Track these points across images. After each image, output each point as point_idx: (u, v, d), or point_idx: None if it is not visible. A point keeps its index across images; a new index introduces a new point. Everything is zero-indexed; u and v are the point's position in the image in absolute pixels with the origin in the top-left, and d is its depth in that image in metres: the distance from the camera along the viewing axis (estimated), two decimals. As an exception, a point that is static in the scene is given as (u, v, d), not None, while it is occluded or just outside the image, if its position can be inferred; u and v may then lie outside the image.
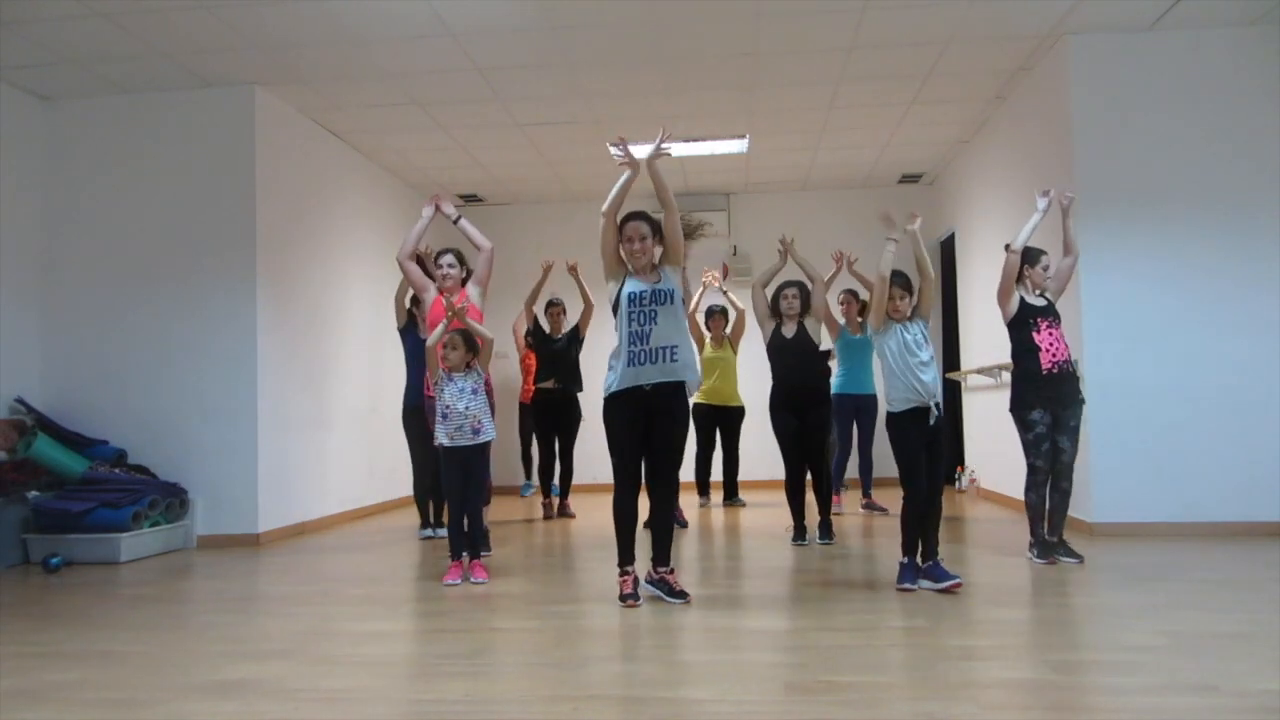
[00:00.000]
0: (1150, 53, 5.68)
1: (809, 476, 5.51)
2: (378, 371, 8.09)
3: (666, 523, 4.07)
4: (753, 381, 7.49)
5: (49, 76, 5.98)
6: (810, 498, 5.57)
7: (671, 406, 3.96)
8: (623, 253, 3.98)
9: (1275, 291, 5.51)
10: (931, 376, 4.10)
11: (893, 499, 7.42)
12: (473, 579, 4.52)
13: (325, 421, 7.11)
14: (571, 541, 6.03)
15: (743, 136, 7.65)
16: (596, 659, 3.18)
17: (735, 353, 7.19)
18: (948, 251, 8.71)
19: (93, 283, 6.30)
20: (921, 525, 4.09)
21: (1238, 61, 5.62)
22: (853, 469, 7.07)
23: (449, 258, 5.10)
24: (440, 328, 4.54)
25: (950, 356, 8.55)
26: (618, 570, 4.03)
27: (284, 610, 4.17)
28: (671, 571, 4.04)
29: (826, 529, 5.48)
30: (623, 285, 3.98)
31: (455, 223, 4.99)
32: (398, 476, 8.45)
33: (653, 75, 6.28)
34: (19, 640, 3.64)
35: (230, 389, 6.15)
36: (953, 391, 8.62)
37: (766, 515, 6.97)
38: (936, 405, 4.09)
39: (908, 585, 4.05)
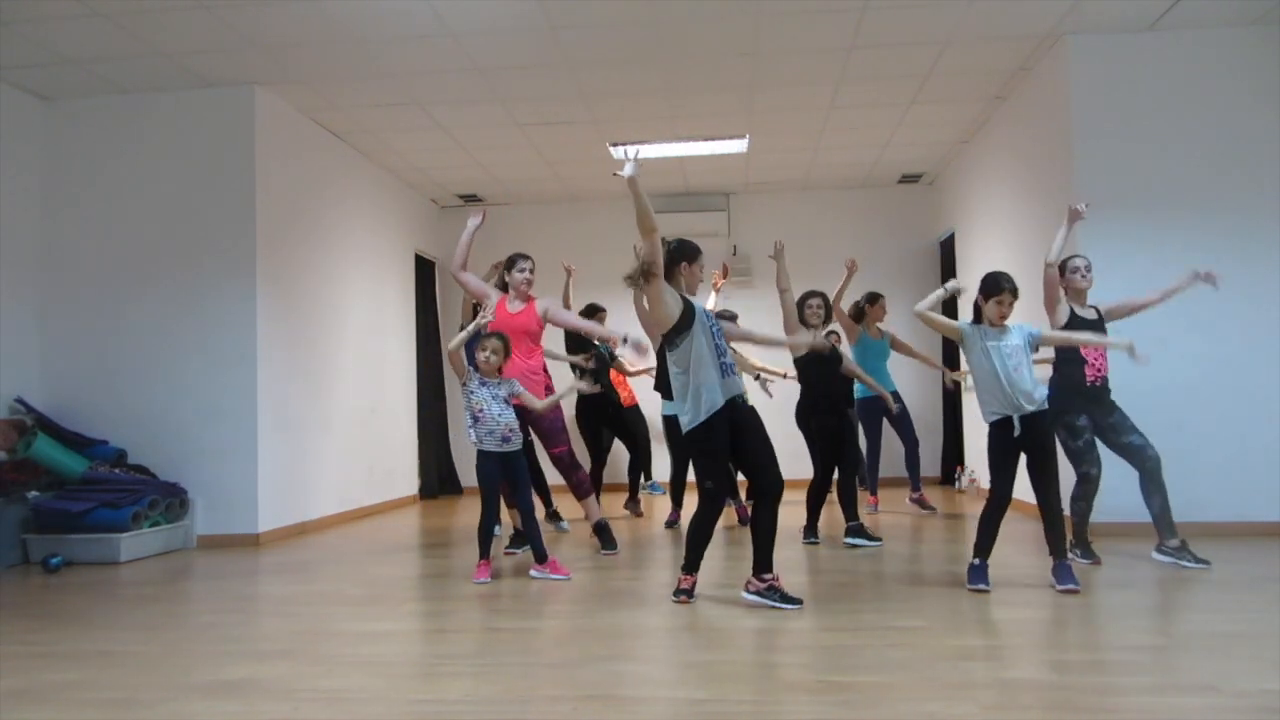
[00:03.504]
0: (1150, 53, 5.68)
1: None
2: (378, 371, 8.10)
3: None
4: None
5: (49, 76, 5.98)
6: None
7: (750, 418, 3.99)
8: (686, 278, 3.98)
9: (1274, 291, 5.52)
10: (1019, 387, 4.00)
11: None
12: (551, 575, 4.56)
13: (325, 421, 7.11)
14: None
15: (743, 136, 7.64)
16: (596, 659, 3.17)
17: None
18: (947, 251, 8.72)
19: (93, 282, 6.30)
20: (991, 528, 4.09)
21: (1238, 61, 5.62)
22: (900, 467, 7.18)
23: (528, 263, 5.16)
24: (465, 333, 4.62)
25: (950, 356, 8.55)
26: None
27: (284, 610, 4.17)
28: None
29: (858, 530, 5.48)
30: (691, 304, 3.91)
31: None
32: (397, 476, 8.47)
33: (653, 75, 6.28)
34: (19, 640, 3.64)
35: (230, 389, 6.15)
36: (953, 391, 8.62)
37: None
38: (1020, 418, 4.00)
39: (977, 586, 4.02)
